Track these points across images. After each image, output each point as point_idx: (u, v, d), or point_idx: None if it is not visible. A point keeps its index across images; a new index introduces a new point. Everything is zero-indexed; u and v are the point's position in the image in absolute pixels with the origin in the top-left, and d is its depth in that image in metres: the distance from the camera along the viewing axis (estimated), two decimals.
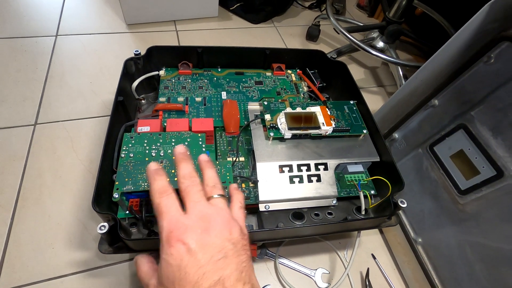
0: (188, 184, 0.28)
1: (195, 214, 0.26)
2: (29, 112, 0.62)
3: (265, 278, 0.47)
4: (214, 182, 0.30)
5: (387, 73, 0.88)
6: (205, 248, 0.24)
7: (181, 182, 0.29)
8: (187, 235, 0.25)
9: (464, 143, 0.43)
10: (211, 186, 0.29)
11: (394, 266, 0.52)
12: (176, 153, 0.31)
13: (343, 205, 0.45)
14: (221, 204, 0.28)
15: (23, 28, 0.80)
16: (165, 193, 0.27)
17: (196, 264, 0.24)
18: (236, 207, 0.31)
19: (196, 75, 0.55)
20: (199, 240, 0.25)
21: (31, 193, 0.51)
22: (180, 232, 0.25)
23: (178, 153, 0.31)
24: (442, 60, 0.46)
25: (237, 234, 0.27)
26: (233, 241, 0.26)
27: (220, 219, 0.27)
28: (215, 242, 0.25)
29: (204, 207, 0.27)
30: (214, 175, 0.31)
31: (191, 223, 0.26)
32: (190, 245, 0.24)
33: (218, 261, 0.24)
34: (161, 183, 0.28)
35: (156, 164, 0.30)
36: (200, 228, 0.25)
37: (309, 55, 0.59)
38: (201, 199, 0.28)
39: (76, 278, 0.44)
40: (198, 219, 0.26)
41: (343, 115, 0.48)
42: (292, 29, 0.98)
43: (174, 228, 0.25)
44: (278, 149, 0.44)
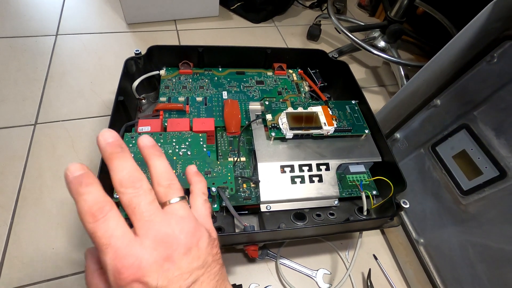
0: (131, 195, 0.20)
1: (150, 238, 0.19)
2: (29, 111, 0.62)
3: (266, 278, 0.47)
4: (168, 178, 0.22)
5: (389, 73, 0.87)
6: (172, 283, 0.19)
7: (121, 193, 0.20)
8: (143, 272, 0.18)
9: (467, 143, 0.43)
10: (164, 186, 0.22)
11: (396, 267, 0.51)
12: (101, 143, 0.21)
13: (345, 205, 0.44)
14: (182, 211, 0.22)
15: (23, 27, 0.80)
16: (100, 212, 0.19)
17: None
18: (198, 203, 0.24)
19: (197, 75, 0.55)
20: (162, 275, 0.19)
21: (31, 193, 0.51)
22: (134, 270, 0.18)
23: (105, 143, 0.21)
24: (444, 60, 0.46)
25: (205, 245, 0.21)
26: (202, 257, 0.21)
27: (183, 235, 0.20)
28: (182, 267, 0.20)
29: (161, 226, 0.20)
30: (166, 168, 0.22)
31: (147, 255, 0.19)
32: (150, 284, 0.18)
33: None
34: (92, 198, 0.19)
35: (80, 167, 0.19)
36: (161, 257, 0.19)
37: (310, 55, 0.59)
38: (154, 214, 0.20)
39: (76, 278, 0.44)
40: (155, 246, 0.19)
41: (345, 115, 0.48)
42: (293, 29, 0.98)
43: (124, 267, 0.18)
44: (279, 149, 0.43)
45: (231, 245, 0.39)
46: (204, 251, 0.21)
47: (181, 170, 0.37)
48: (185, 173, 0.27)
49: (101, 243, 0.19)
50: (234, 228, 0.40)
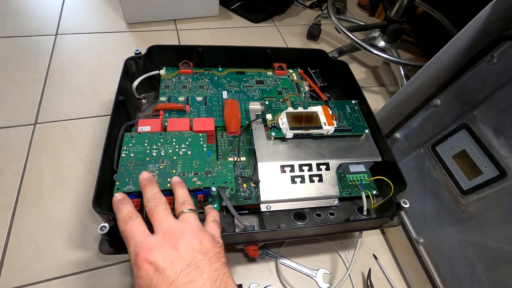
0: (152, 205, 0.29)
1: (162, 231, 0.27)
2: (29, 111, 0.62)
3: (266, 278, 0.47)
4: (184, 198, 0.31)
5: (388, 73, 0.87)
6: (174, 263, 0.25)
7: (146, 205, 0.29)
8: (153, 254, 0.25)
9: (467, 143, 0.43)
10: (180, 203, 0.30)
11: (396, 267, 0.51)
12: (140, 179, 0.32)
13: (345, 205, 0.44)
14: (190, 218, 0.29)
15: (23, 27, 0.79)
16: (130, 219, 0.28)
17: (166, 281, 0.24)
18: (209, 220, 0.32)
19: (197, 75, 0.55)
20: (166, 257, 0.25)
21: (31, 193, 0.51)
22: (146, 252, 0.25)
23: (142, 179, 0.32)
24: (444, 60, 0.46)
25: (208, 244, 0.27)
26: (203, 251, 0.26)
27: (188, 231, 0.27)
28: (184, 255, 0.25)
29: (171, 224, 0.28)
30: (184, 193, 0.32)
31: (157, 242, 0.26)
32: (157, 263, 0.24)
33: (189, 274, 0.24)
34: (126, 211, 0.29)
35: (121, 195, 0.31)
36: (168, 245, 0.26)
37: (310, 55, 0.59)
38: (166, 217, 0.28)
39: (76, 278, 0.44)
40: (164, 236, 0.26)
41: (345, 115, 0.48)
42: (293, 28, 0.98)
43: (140, 250, 0.25)
44: (279, 149, 0.43)
45: (231, 244, 0.39)
46: (207, 247, 0.27)
47: (181, 169, 0.37)
48: (204, 210, 0.35)
49: (128, 236, 0.27)
50: (234, 228, 0.40)
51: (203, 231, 0.28)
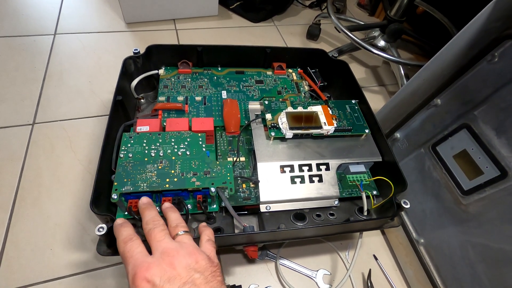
0: (151, 227, 0.30)
1: (159, 251, 0.28)
2: (27, 111, 0.62)
3: (266, 279, 0.46)
4: (177, 222, 0.32)
5: (388, 72, 0.87)
6: (171, 282, 0.25)
7: (145, 228, 0.30)
8: (150, 272, 0.25)
9: (467, 143, 0.43)
10: (174, 226, 0.31)
11: (396, 267, 0.51)
12: (139, 204, 0.33)
13: (345, 205, 0.44)
14: (186, 239, 0.30)
15: (21, 26, 0.79)
16: (129, 240, 0.29)
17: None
18: (204, 240, 0.32)
19: (196, 74, 0.54)
20: (164, 275, 0.25)
21: (29, 193, 0.51)
22: (143, 270, 0.26)
23: (141, 203, 0.33)
24: (445, 59, 0.46)
25: (204, 263, 0.28)
26: (199, 269, 0.27)
27: (184, 251, 0.28)
28: (181, 273, 0.26)
29: (167, 244, 0.28)
30: (177, 216, 0.33)
31: (154, 260, 0.27)
32: (155, 281, 0.25)
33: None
34: (126, 233, 0.30)
35: (121, 220, 0.32)
36: (165, 263, 0.26)
37: (310, 54, 0.58)
38: (164, 238, 0.29)
39: (74, 279, 0.44)
40: (162, 255, 0.27)
41: (345, 115, 0.47)
42: (293, 28, 0.98)
43: (138, 268, 0.26)
44: (279, 149, 0.43)
45: (231, 245, 0.39)
46: (203, 266, 0.27)
47: (179, 170, 0.37)
48: (198, 228, 0.35)
49: (127, 256, 0.28)
50: (234, 229, 0.40)
51: (198, 251, 0.29)
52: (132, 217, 0.35)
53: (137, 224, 0.37)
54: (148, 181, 0.35)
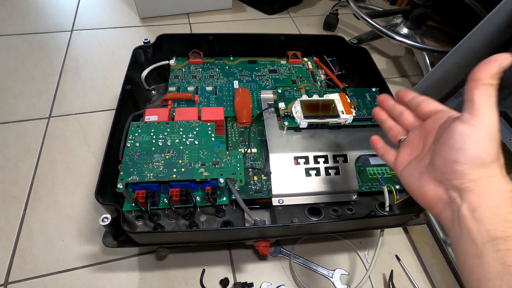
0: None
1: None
2: (44, 105, 0.62)
3: (279, 277, 0.44)
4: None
5: (412, 63, 0.82)
6: None
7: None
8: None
9: (505, 132, 0.38)
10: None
11: (421, 269, 0.47)
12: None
13: (364, 200, 0.41)
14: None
15: (40, 24, 0.81)
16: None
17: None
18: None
19: (207, 64, 0.53)
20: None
21: (44, 185, 0.51)
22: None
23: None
24: (478, 40, 0.41)
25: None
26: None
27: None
28: None
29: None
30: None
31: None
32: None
33: None
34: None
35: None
36: None
37: (327, 41, 0.55)
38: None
39: (85, 271, 0.43)
40: None
41: (365, 103, 0.44)
42: (309, 19, 0.94)
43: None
44: (293, 139, 0.41)
45: (241, 240, 0.37)
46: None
47: (187, 160, 0.35)
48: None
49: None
50: (244, 223, 0.38)
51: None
52: (139, 208, 0.34)
53: (143, 216, 0.36)
54: (155, 171, 0.34)
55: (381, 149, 0.29)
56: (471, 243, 0.19)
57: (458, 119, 0.20)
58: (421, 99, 0.26)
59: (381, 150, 0.29)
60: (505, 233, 0.18)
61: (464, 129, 0.20)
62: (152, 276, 0.43)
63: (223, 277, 0.43)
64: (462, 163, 0.20)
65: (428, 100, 0.25)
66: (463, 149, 0.20)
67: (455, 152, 0.20)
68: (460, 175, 0.20)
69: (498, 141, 0.20)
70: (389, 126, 0.28)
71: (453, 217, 0.20)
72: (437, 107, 0.25)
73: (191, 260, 0.44)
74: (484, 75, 0.20)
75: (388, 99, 0.29)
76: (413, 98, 0.26)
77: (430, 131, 0.24)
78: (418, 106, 0.26)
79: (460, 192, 0.20)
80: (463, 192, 0.20)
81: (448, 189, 0.21)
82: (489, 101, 0.20)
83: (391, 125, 0.28)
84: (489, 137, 0.19)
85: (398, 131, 0.28)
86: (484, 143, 0.19)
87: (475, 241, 0.19)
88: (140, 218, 0.36)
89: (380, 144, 0.29)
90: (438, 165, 0.21)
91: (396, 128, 0.28)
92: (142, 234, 0.33)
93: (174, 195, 0.34)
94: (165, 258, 0.44)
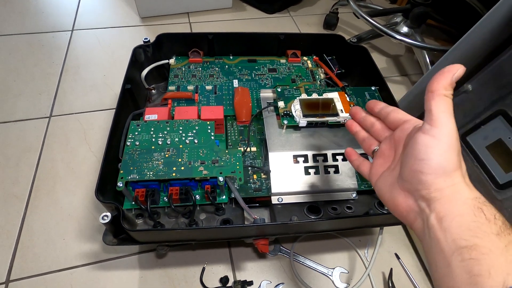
0: None
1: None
2: (45, 104, 0.63)
3: (278, 276, 0.44)
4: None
5: (412, 61, 0.82)
6: None
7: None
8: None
9: (504, 131, 0.38)
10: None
11: (421, 267, 0.47)
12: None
13: (364, 199, 0.41)
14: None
15: (41, 23, 0.81)
16: None
17: None
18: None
19: (207, 63, 0.53)
20: None
21: (45, 184, 0.51)
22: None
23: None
24: (476, 39, 0.42)
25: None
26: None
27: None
28: None
29: None
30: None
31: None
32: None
33: None
34: None
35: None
36: None
37: (327, 40, 0.55)
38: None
39: (85, 270, 0.43)
40: None
41: (364, 102, 0.44)
42: (309, 18, 0.94)
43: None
44: (292, 138, 0.41)
45: (240, 238, 0.37)
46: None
47: (187, 158, 0.35)
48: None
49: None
50: (244, 221, 0.38)
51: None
52: (139, 207, 0.34)
53: (143, 214, 0.36)
54: (154, 170, 0.34)
55: (355, 161, 0.29)
56: (440, 252, 0.19)
57: (420, 129, 0.21)
58: (390, 109, 0.26)
59: (356, 162, 0.29)
60: (469, 242, 0.18)
61: (425, 140, 0.20)
62: (152, 274, 0.43)
63: (223, 275, 0.43)
64: (426, 173, 0.20)
65: (396, 110, 0.26)
66: (426, 160, 0.20)
67: (418, 162, 0.20)
68: (426, 185, 0.20)
69: (458, 149, 0.20)
70: (362, 137, 0.29)
71: (423, 227, 0.21)
72: (404, 116, 0.25)
73: (191, 259, 0.44)
74: (439, 87, 0.20)
75: (360, 111, 0.29)
76: (382, 109, 0.27)
77: (399, 141, 0.24)
78: (387, 116, 0.26)
79: (428, 202, 0.20)
80: (431, 202, 0.20)
81: (417, 199, 0.21)
82: (446, 111, 0.20)
83: (364, 136, 0.29)
84: (449, 146, 0.20)
85: (371, 142, 0.28)
86: (445, 153, 0.20)
87: (443, 250, 0.19)
88: (140, 217, 0.36)
89: (354, 156, 0.30)
90: (405, 175, 0.22)
91: (369, 139, 0.28)
92: (142, 232, 0.33)
93: (173, 193, 0.34)
94: (165, 257, 0.45)
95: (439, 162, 0.20)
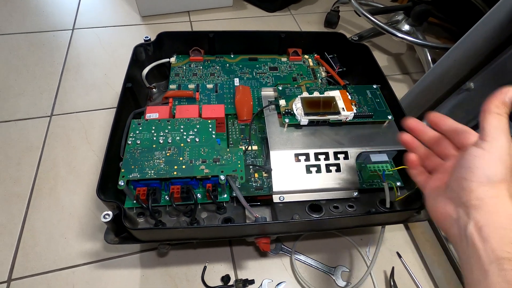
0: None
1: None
2: (46, 104, 0.63)
3: (280, 274, 0.44)
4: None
5: (413, 60, 0.81)
6: None
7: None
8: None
9: None
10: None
11: (422, 266, 0.47)
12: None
13: (365, 197, 0.41)
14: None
15: (41, 23, 0.81)
16: None
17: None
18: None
19: (207, 62, 0.53)
20: None
21: (46, 183, 0.51)
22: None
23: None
24: (479, 37, 0.41)
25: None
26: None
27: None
28: None
29: None
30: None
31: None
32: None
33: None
34: None
35: None
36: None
37: (328, 38, 0.55)
38: None
39: (87, 268, 0.43)
40: None
41: (366, 100, 0.44)
42: (310, 17, 0.94)
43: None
44: (293, 136, 0.41)
45: (242, 236, 0.37)
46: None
47: (188, 157, 0.35)
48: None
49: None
50: (245, 220, 0.38)
51: None
52: (140, 205, 0.34)
53: (145, 213, 0.36)
54: (155, 168, 0.34)
55: (417, 172, 0.28)
56: (478, 259, 0.19)
57: (473, 144, 0.22)
58: (460, 129, 0.25)
59: (416, 171, 0.28)
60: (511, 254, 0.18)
61: (474, 151, 0.21)
62: (154, 273, 0.43)
63: (224, 274, 0.43)
64: (469, 180, 0.21)
65: (469, 132, 0.24)
66: (471, 167, 0.21)
67: (464, 170, 0.21)
68: (467, 192, 0.21)
69: (508, 164, 0.21)
70: (424, 154, 0.28)
71: (460, 233, 0.21)
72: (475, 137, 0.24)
73: (192, 257, 0.44)
74: (491, 106, 0.22)
75: (419, 124, 0.29)
76: (450, 127, 0.25)
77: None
78: (458, 136, 0.25)
79: (467, 210, 0.21)
80: (470, 210, 0.20)
81: (457, 206, 0.22)
82: (498, 128, 0.21)
83: (425, 153, 0.28)
84: (497, 159, 0.20)
85: (436, 163, 0.26)
86: (492, 164, 0.20)
87: (481, 258, 0.19)
88: (141, 215, 0.36)
89: (418, 169, 0.28)
90: (451, 183, 0.23)
91: (434, 158, 0.27)
92: (144, 231, 0.33)
93: (175, 192, 0.34)
94: (166, 255, 0.45)
95: (484, 171, 0.20)
